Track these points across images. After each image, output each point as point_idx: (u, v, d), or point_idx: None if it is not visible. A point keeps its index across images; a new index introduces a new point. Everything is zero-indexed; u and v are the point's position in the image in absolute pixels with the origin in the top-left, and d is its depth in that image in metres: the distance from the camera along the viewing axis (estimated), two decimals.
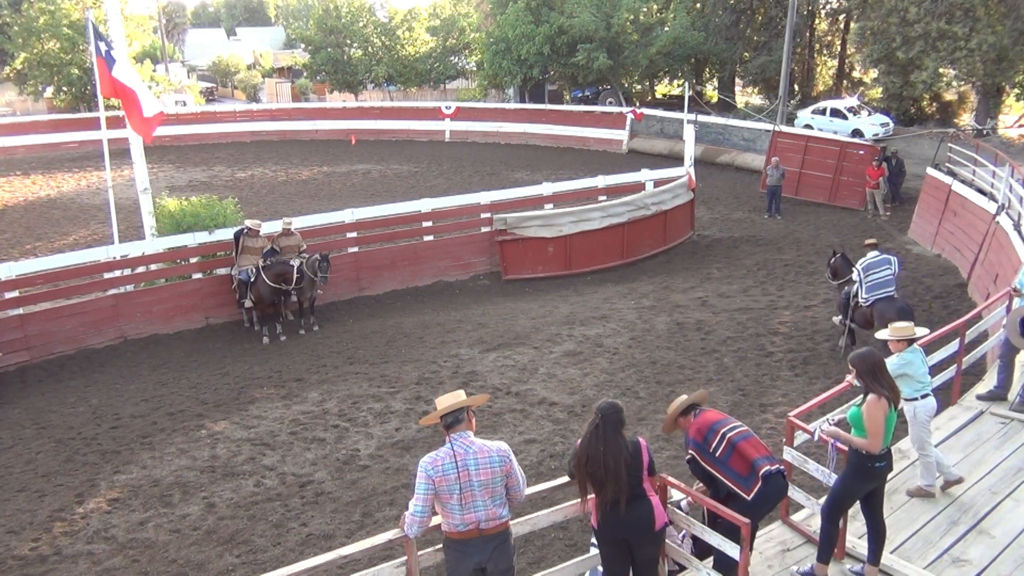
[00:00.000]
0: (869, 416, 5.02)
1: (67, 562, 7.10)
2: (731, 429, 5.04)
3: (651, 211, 16.76)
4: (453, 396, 4.67)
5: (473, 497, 4.42)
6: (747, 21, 35.98)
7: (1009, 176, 13.96)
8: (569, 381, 10.56)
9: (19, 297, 12.36)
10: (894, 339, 6.16)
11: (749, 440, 5.03)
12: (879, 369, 5.14)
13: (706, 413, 5.19)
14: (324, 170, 27.69)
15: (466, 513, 4.43)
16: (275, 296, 12.92)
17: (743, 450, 4.95)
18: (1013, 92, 29.00)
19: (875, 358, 5.19)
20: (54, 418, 10.25)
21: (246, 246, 13.02)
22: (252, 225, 13.17)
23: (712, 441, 4.99)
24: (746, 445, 4.98)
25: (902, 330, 6.17)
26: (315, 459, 8.76)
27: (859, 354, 5.27)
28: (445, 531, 4.54)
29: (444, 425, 4.57)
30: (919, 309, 12.81)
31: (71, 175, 27.26)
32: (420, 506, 4.45)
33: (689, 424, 5.15)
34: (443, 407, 4.58)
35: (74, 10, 32.06)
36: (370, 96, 41.12)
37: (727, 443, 4.96)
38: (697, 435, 5.07)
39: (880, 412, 5.00)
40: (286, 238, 13.41)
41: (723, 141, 28.05)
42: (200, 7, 76.80)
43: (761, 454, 4.99)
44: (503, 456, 4.53)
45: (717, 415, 5.20)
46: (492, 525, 4.49)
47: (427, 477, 4.41)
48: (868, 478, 5.14)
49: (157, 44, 44.63)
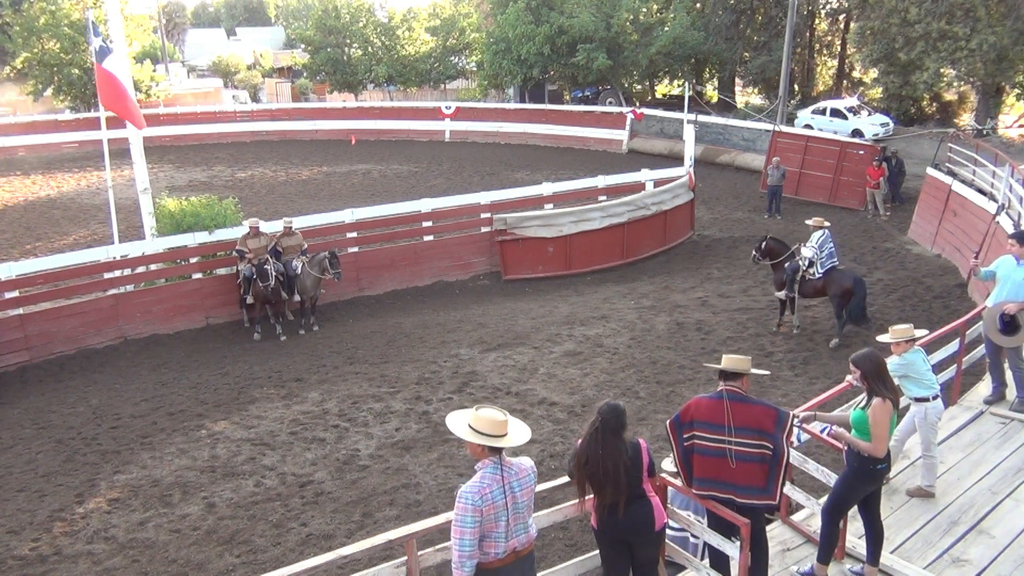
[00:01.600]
0: (875, 420, 4.98)
1: (67, 562, 7.10)
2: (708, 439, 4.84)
3: (651, 211, 16.76)
4: (493, 416, 4.30)
5: (518, 520, 4.23)
6: (747, 21, 35.98)
7: (1009, 176, 13.96)
8: (569, 381, 10.56)
9: (19, 297, 12.36)
10: (895, 341, 6.15)
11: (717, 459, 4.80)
12: (883, 371, 5.13)
13: (710, 402, 4.90)
14: (324, 170, 27.69)
15: (510, 539, 4.22)
16: (269, 295, 12.92)
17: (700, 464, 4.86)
18: (1013, 92, 29.02)
19: (879, 359, 5.17)
20: (54, 418, 10.25)
21: (249, 247, 13.09)
22: (251, 224, 13.24)
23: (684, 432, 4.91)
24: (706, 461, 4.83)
25: (902, 331, 6.16)
26: (315, 459, 8.76)
27: (864, 355, 5.21)
28: (483, 563, 4.19)
29: (490, 448, 4.24)
30: (919, 309, 12.83)
31: (71, 175, 27.26)
32: (468, 540, 4.08)
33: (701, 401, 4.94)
34: (504, 439, 4.21)
35: (74, 10, 32.03)
36: (370, 96, 41.11)
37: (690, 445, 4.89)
38: (683, 415, 4.94)
39: (886, 416, 4.98)
40: (288, 238, 13.46)
41: (723, 141, 28.05)
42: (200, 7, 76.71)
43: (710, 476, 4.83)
44: (534, 471, 4.39)
45: (712, 411, 4.87)
46: (526, 545, 4.34)
47: (474, 508, 4.07)
48: (869, 480, 5.14)
49: (157, 44, 44.60)
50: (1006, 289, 7.43)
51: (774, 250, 12.26)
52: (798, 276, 11.73)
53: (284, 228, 13.59)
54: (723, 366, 4.89)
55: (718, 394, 4.87)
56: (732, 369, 4.85)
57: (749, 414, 4.78)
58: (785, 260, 12.02)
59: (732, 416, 4.77)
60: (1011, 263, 7.42)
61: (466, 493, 4.09)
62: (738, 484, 4.79)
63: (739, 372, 4.85)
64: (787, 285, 11.88)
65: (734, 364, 4.85)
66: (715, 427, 4.80)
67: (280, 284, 13.01)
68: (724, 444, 4.78)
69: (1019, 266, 7.35)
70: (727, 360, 4.90)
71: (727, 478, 4.80)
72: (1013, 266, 7.39)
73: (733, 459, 4.77)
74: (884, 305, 13.05)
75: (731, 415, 4.78)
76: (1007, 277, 7.43)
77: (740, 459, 4.77)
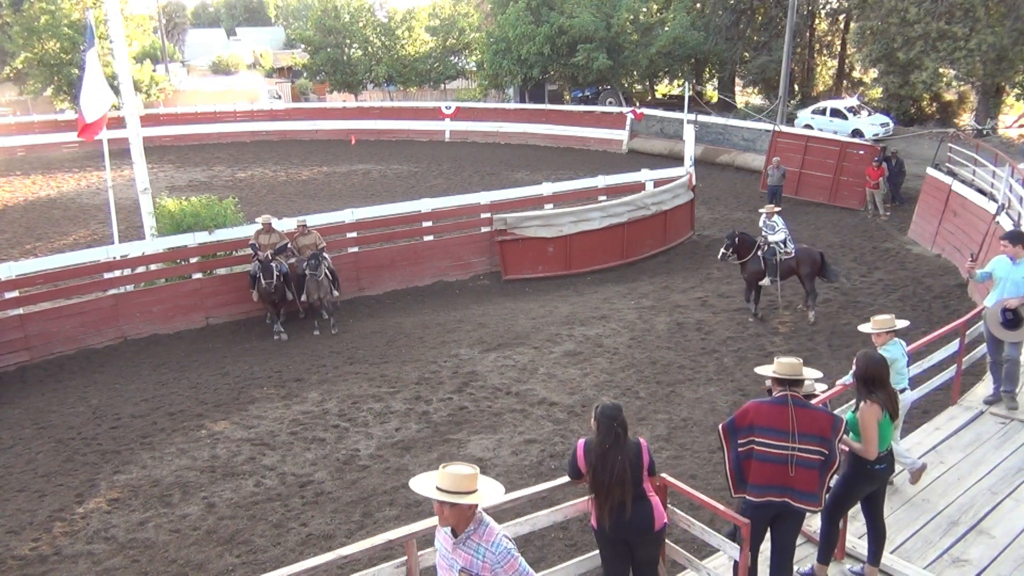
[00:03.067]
0: (863, 423, 5.02)
1: (67, 562, 7.10)
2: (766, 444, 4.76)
3: (651, 211, 16.76)
4: (458, 471, 3.70)
5: None
6: (747, 21, 35.99)
7: (1009, 176, 13.96)
8: (569, 381, 10.56)
9: (19, 297, 12.36)
10: (876, 331, 6.20)
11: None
12: (879, 377, 5.08)
13: (766, 407, 4.79)
14: (324, 170, 27.69)
15: None
16: (268, 294, 12.88)
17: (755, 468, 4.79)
18: (1013, 92, 29.01)
19: (879, 365, 5.11)
20: (54, 418, 10.25)
21: (260, 242, 13.18)
22: (263, 220, 13.40)
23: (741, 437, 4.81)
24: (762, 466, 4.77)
25: (884, 322, 6.23)
26: (315, 459, 8.76)
27: (866, 355, 5.19)
28: None
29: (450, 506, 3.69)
30: (919, 309, 12.84)
31: (71, 175, 27.26)
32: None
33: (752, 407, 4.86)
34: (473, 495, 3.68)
35: (74, 10, 32.04)
36: (370, 96, 41.11)
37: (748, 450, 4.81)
38: (742, 419, 4.82)
39: (872, 418, 4.99)
40: (303, 237, 13.53)
41: (723, 141, 28.04)
42: (200, 7, 76.69)
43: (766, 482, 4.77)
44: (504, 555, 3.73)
45: (774, 417, 4.76)
46: None
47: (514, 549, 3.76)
48: (867, 480, 5.14)
49: (157, 44, 44.59)
50: (1005, 290, 7.46)
51: (745, 243, 12.66)
52: (777, 259, 12.42)
53: (298, 227, 13.59)
54: (784, 373, 4.80)
55: (781, 399, 4.77)
56: (793, 376, 4.79)
57: (813, 420, 4.72)
58: (754, 254, 12.61)
59: (797, 422, 4.70)
60: (1006, 263, 7.47)
61: (509, 548, 3.70)
62: (796, 489, 4.74)
63: (799, 379, 4.81)
64: (768, 270, 12.50)
65: (792, 370, 4.79)
66: (779, 433, 4.72)
67: (285, 284, 12.99)
68: (787, 451, 4.70)
69: (1015, 265, 7.40)
70: (787, 367, 4.80)
71: (786, 483, 4.75)
72: (1009, 266, 7.44)
73: (793, 465, 4.70)
74: (884, 305, 13.04)
75: (796, 421, 4.70)
76: (1005, 277, 7.47)
77: (800, 464, 4.71)
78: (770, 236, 12.60)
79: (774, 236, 12.56)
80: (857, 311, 12.68)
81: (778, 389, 4.83)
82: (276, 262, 12.83)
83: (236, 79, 48.05)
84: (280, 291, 12.96)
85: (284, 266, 13.08)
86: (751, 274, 12.69)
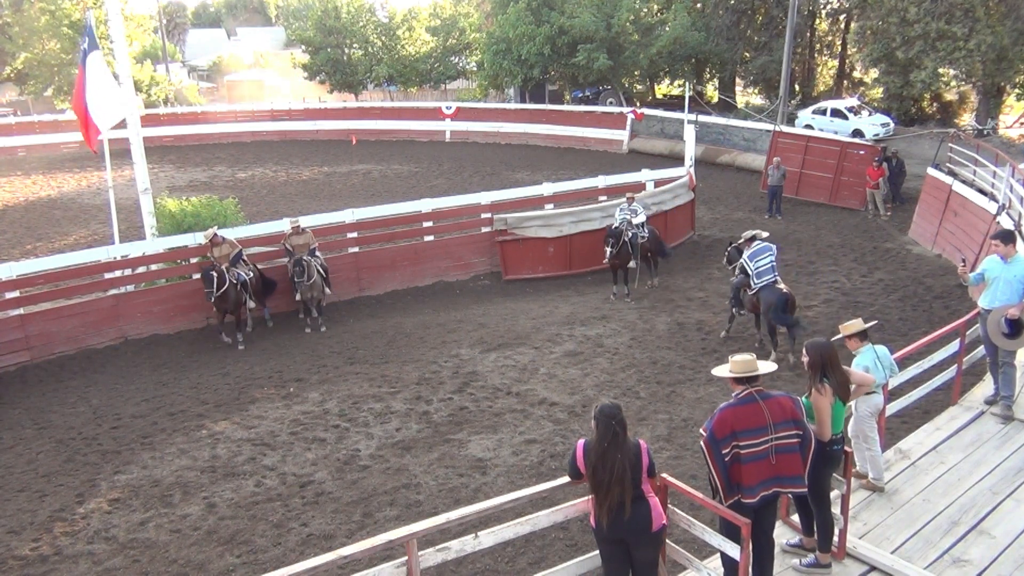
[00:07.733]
0: (816, 407, 5.28)
1: (68, 562, 7.10)
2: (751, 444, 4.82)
3: (651, 211, 16.74)
4: None
5: None
6: (748, 21, 35.97)
7: (1009, 176, 13.95)
8: (570, 381, 10.56)
9: (20, 297, 12.36)
10: (844, 336, 6.34)
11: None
12: (829, 363, 5.29)
13: (737, 409, 4.86)
14: (324, 170, 27.70)
15: None
16: (221, 303, 12.58)
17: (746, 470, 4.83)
18: (1013, 92, 29.01)
19: (828, 353, 5.32)
20: (55, 418, 10.26)
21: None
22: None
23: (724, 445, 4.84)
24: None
25: (850, 326, 6.36)
26: (315, 459, 8.76)
27: (814, 344, 5.41)
28: None
29: None
30: (919, 309, 12.83)
31: (71, 175, 27.28)
32: None
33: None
34: None
35: (75, 10, 32.09)
36: (370, 96, 41.12)
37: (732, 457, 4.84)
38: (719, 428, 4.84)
39: (823, 403, 5.25)
40: (297, 236, 13.55)
41: (723, 141, 28.05)
42: (200, 7, 76.64)
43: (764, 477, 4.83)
44: None
45: (751, 417, 4.84)
46: None
47: None
48: (830, 461, 5.34)
49: (157, 44, 44.62)
50: (999, 289, 7.45)
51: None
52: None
53: (292, 227, 13.61)
54: (741, 372, 4.92)
55: (749, 398, 4.89)
56: (750, 373, 4.92)
57: (782, 407, 4.89)
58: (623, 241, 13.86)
59: (771, 414, 4.85)
60: (998, 263, 7.48)
61: None
62: (783, 476, 4.87)
63: (756, 375, 4.93)
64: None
65: (748, 367, 4.92)
66: (759, 431, 4.82)
67: (244, 291, 12.77)
68: (768, 444, 4.82)
69: (1007, 264, 7.40)
70: (743, 365, 4.92)
71: (773, 474, 4.85)
72: (1001, 265, 7.44)
73: (773, 454, 4.82)
74: (885, 305, 13.05)
75: (769, 414, 4.84)
76: (997, 276, 7.47)
77: (780, 452, 4.84)
78: (634, 220, 14.06)
79: (637, 219, 14.09)
80: (858, 311, 12.66)
81: (738, 388, 4.96)
82: (231, 272, 12.56)
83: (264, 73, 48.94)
84: (234, 300, 12.60)
85: (242, 275, 12.75)
86: (621, 259, 13.90)
